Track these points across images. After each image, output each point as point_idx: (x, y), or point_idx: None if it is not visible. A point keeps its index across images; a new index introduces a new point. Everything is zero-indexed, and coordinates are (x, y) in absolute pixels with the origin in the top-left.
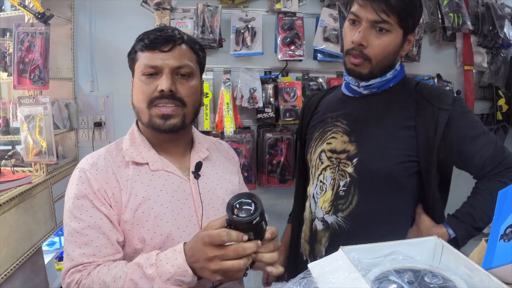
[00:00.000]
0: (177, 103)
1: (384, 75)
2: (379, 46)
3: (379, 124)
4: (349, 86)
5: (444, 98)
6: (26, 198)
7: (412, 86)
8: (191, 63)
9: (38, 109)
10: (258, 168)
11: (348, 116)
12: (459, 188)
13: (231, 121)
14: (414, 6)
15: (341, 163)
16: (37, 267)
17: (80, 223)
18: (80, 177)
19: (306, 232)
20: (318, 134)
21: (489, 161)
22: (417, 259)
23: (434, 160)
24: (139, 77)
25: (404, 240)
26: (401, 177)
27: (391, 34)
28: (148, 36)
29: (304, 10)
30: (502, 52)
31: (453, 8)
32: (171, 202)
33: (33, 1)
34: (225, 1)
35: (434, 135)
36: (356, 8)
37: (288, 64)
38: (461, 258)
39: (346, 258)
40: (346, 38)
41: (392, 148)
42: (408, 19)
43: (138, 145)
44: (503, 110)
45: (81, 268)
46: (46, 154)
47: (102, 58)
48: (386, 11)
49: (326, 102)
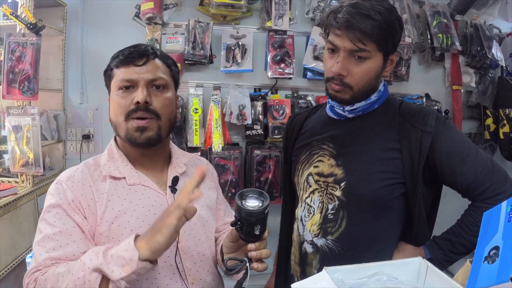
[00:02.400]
0: (151, 115)
1: (368, 98)
2: (359, 74)
3: (365, 147)
4: (334, 109)
5: (427, 119)
6: (11, 209)
7: (396, 107)
8: (165, 76)
9: (27, 119)
10: (246, 185)
11: (334, 139)
12: (452, 203)
13: (219, 137)
14: (392, 28)
15: (329, 186)
16: (20, 280)
17: (53, 229)
18: (57, 188)
19: (295, 254)
20: (305, 157)
21: (474, 187)
22: (401, 280)
23: (420, 181)
24: (116, 92)
25: (388, 261)
26: (388, 199)
27: (371, 60)
28: (123, 53)
29: (295, 28)
30: (490, 72)
31: (442, 28)
32: (147, 216)
33: (26, 12)
34: (216, 18)
35: (419, 157)
36: (332, 37)
37: (277, 81)
38: (445, 280)
39: (329, 279)
40: (326, 65)
41: (378, 171)
42: (387, 43)
43: (116, 160)
44: (490, 130)
45: (42, 268)
46: (33, 165)
47: (93, 70)
48: (362, 39)
49: (311, 124)
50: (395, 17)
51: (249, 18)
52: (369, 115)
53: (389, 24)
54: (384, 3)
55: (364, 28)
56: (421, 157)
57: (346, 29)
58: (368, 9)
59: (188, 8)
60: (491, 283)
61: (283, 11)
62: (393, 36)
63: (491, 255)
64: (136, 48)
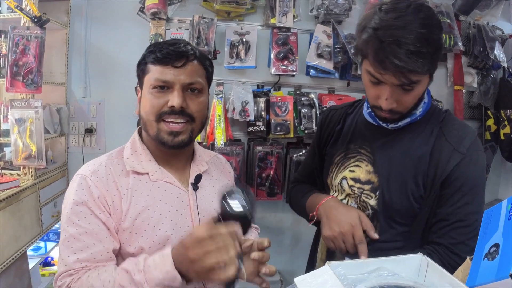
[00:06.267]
0: (186, 118)
1: (413, 114)
2: (409, 101)
3: (402, 157)
4: (375, 118)
5: (463, 140)
6: (13, 201)
7: (438, 121)
8: (201, 79)
9: (30, 112)
10: (247, 181)
11: (372, 145)
12: None
13: (222, 133)
14: (440, 48)
15: (364, 193)
16: (21, 272)
17: (78, 229)
18: (81, 183)
19: (322, 251)
20: (340, 158)
21: (448, 227)
22: (402, 276)
23: (433, 195)
24: (149, 89)
25: (389, 257)
26: (417, 209)
27: (420, 85)
28: (161, 50)
29: (299, 26)
30: (492, 73)
31: (445, 29)
32: (169, 212)
33: (30, 5)
34: (221, 14)
35: (442, 172)
36: (374, 72)
37: (280, 78)
38: (446, 276)
39: (332, 273)
40: (369, 93)
41: (412, 183)
42: (435, 64)
43: (139, 154)
44: (491, 130)
45: (73, 272)
46: (35, 158)
47: (96, 64)
48: (412, 77)
49: (348, 124)
50: (439, 32)
51: (253, 14)
52: (410, 126)
53: (437, 47)
54: (423, 15)
55: (414, 68)
56: (444, 173)
57: (394, 72)
58: (414, 43)
59: (193, 4)
60: (491, 280)
61: (287, 8)
62: (440, 53)
63: (491, 252)
64: (175, 47)
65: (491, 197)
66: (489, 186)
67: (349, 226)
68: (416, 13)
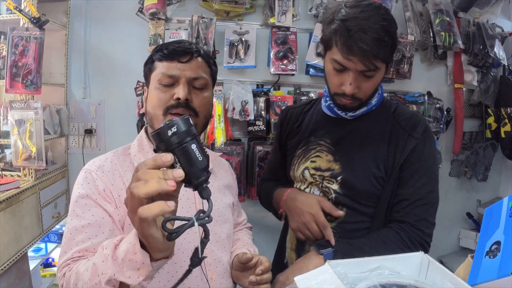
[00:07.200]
0: (190, 112)
1: (369, 103)
2: (369, 88)
3: (361, 145)
4: (333, 109)
5: (416, 127)
6: (13, 202)
7: (391, 110)
8: (206, 75)
9: (29, 113)
10: (248, 181)
11: (332, 136)
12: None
13: (222, 133)
14: (396, 42)
15: (325, 180)
16: (22, 273)
17: (81, 221)
18: (86, 177)
19: (292, 241)
20: (301, 151)
21: (409, 207)
22: (403, 274)
23: (393, 178)
24: (156, 85)
25: (390, 255)
26: (378, 190)
27: (378, 73)
28: (167, 47)
29: (298, 25)
30: (492, 71)
31: (444, 27)
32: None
33: (29, 6)
34: (220, 14)
35: (400, 157)
36: (341, 59)
37: (280, 78)
38: (447, 274)
39: (332, 272)
40: (332, 81)
41: (374, 167)
42: (392, 55)
43: (146, 151)
44: (492, 128)
45: (70, 261)
46: (35, 159)
47: (96, 65)
48: (375, 62)
49: (307, 119)
50: (396, 27)
51: (252, 14)
52: (366, 116)
53: (394, 41)
54: (383, 11)
55: (378, 53)
56: (402, 157)
57: (360, 56)
58: (377, 31)
59: (192, 4)
60: (492, 278)
61: (286, 7)
62: (395, 46)
63: (493, 250)
64: (181, 44)
65: (492, 195)
66: (489, 184)
67: (309, 215)
68: (377, 10)
